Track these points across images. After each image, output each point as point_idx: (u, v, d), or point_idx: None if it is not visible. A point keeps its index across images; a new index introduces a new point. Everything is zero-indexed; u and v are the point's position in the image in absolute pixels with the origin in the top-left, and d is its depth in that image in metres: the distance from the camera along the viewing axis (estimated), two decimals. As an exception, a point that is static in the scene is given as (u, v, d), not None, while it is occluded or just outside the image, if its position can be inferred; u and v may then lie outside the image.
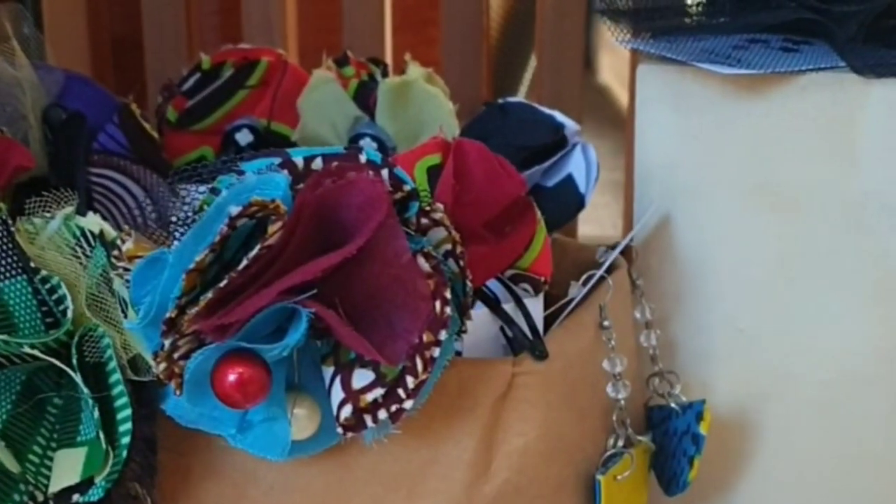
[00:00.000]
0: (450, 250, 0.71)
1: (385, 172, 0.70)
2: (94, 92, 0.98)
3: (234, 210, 0.65)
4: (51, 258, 0.75)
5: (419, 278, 0.68)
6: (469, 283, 0.72)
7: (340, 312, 0.67)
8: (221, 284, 0.64)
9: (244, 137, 1.02)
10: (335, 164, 0.69)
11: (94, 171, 0.96)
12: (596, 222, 1.60)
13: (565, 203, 0.97)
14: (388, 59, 1.30)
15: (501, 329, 0.80)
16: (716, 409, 0.91)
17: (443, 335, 0.69)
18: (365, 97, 1.00)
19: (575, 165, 0.98)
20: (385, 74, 1.02)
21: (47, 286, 0.73)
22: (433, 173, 0.79)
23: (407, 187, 0.70)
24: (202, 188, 0.70)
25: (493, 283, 0.81)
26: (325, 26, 1.36)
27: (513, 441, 0.77)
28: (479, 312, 0.79)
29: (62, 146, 0.95)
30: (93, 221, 0.75)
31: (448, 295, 0.69)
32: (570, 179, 0.98)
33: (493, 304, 0.80)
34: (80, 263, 0.74)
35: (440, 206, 0.71)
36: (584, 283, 0.87)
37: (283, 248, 0.65)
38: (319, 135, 1.01)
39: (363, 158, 0.69)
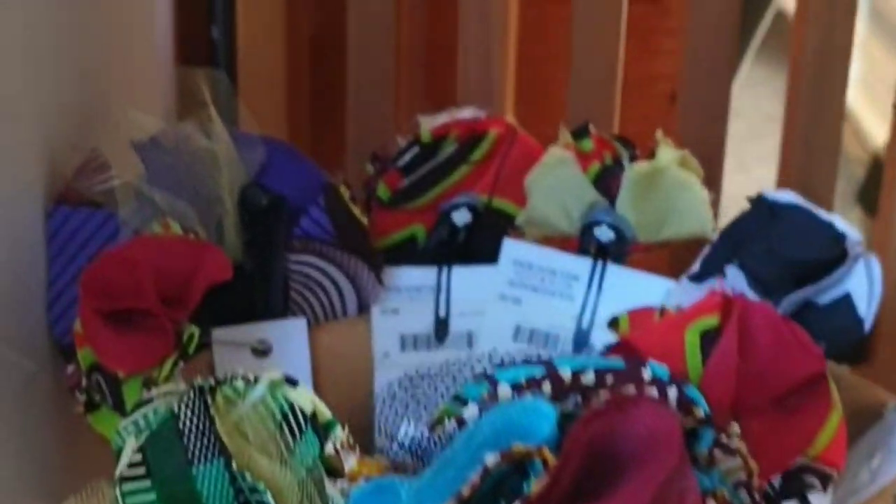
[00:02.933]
0: (743, 481, 0.57)
1: (673, 392, 0.56)
2: (299, 168, 0.85)
3: (492, 460, 0.51)
4: (253, 434, 0.63)
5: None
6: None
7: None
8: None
9: (462, 217, 0.88)
10: (611, 382, 0.55)
11: (294, 257, 0.84)
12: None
13: (841, 327, 0.82)
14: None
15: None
16: None
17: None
18: (607, 182, 0.86)
19: (855, 283, 0.83)
20: (633, 158, 0.88)
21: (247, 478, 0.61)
22: (708, 339, 0.66)
23: (700, 412, 0.56)
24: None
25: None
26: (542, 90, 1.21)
27: None
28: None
29: (260, 233, 0.83)
30: (305, 396, 0.62)
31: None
32: (847, 299, 0.82)
33: (774, 507, 0.66)
34: (287, 446, 0.62)
35: (736, 429, 0.57)
36: (871, 458, 0.73)
37: (546, 500, 0.52)
38: (549, 217, 0.87)
39: (647, 375, 0.56)
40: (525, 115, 1.07)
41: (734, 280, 0.82)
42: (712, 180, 0.95)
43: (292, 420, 0.62)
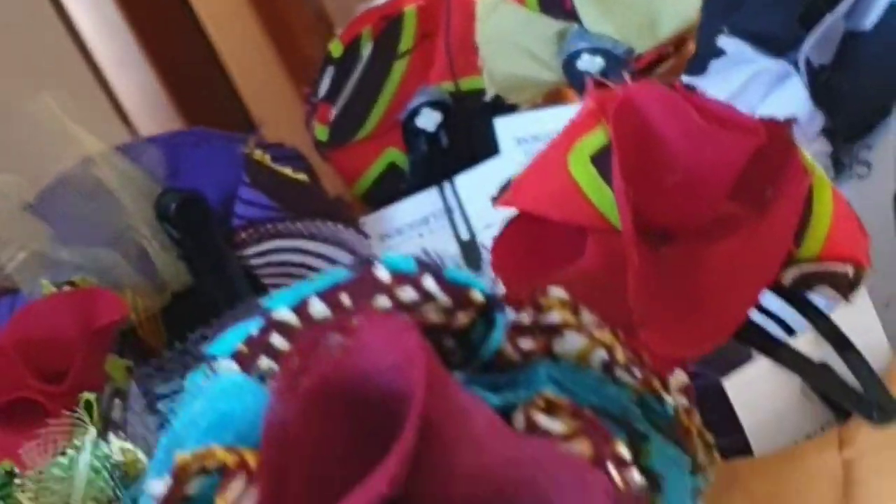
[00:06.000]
0: (606, 361, 0.39)
1: (429, 283, 0.38)
2: (209, 152, 0.71)
3: (159, 489, 0.36)
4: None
5: (547, 451, 0.36)
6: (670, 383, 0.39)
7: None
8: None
9: (429, 120, 0.71)
10: (348, 301, 0.38)
11: (252, 251, 0.70)
12: None
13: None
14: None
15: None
16: None
17: (643, 517, 0.37)
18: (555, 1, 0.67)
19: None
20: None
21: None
22: (602, 162, 0.47)
23: (477, 295, 0.38)
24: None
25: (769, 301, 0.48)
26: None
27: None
28: (757, 365, 0.46)
29: (192, 241, 0.69)
30: (118, 446, 0.48)
31: (623, 452, 0.37)
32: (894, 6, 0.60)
33: (772, 345, 0.46)
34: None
35: (558, 294, 0.38)
36: None
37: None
38: (518, 73, 0.68)
39: (383, 275, 0.38)
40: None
41: (738, 54, 0.62)
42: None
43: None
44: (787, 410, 0.46)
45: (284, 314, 0.39)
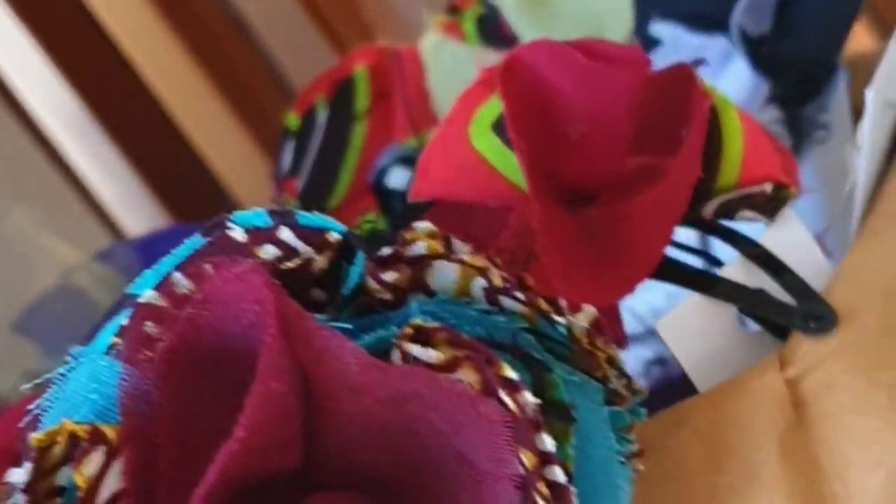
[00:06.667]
0: (487, 289, 0.37)
1: (286, 234, 0.36)
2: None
3: (19, 475, 0.34)
4: None
5: (435, 385, 0.34)
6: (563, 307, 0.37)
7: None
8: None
9: (399, 178, 0.70)
10: (209, 269, 0.36)
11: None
12: None
13: (833, 2, 0.59)
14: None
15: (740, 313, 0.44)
16: None
17: (547, 443, 0.34)
18: (493, 28, 0.67)
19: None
20: (499, -13, 0.68)
21: None
22: (504, 128, 0.46)
23: (334, 235, 0.36)
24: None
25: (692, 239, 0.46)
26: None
27: (857, 484, 0.41)
28: (688, 303, 0.44)
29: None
30: None
31: (511, 374, 0.35)
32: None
33: (700, 278, 0.43)
34: None
35: (423, 227, 0.37)
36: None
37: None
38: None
39: (238, 234, 0.37)
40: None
41: (675, 40, 0.60)
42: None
43: None
44: (725, 343, 0.43)
45: (150, 296, 0.37)
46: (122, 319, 0.38)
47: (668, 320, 0.43)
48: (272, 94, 0.91)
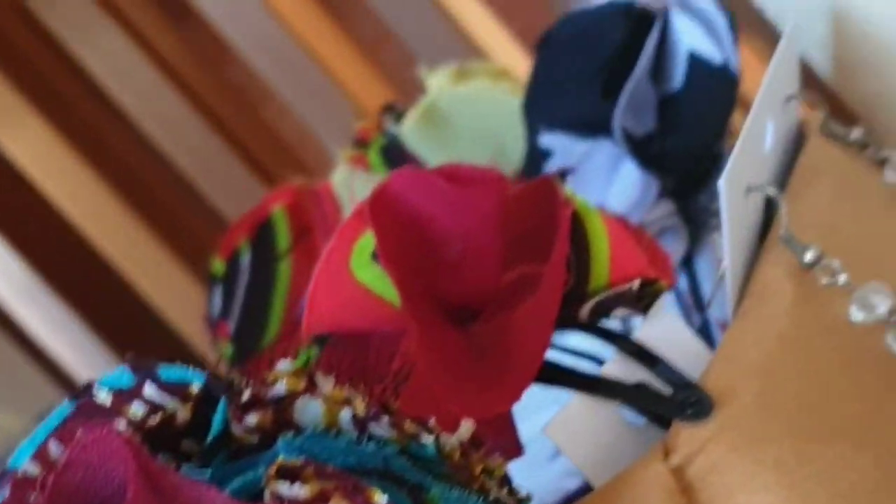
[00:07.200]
0: (356, 416, 0.38)
1: (150, 390, 0.38)
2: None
3: None
4: None
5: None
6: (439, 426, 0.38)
7: None
8: None
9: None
10: (80, 435, 0.38)
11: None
12: None
13: (711, 95, 0.60)
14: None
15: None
16: None
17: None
18: (398, 157, 0.69)
19: (688, 35, 0.61)
20: (400, 117, 0.70)
21: None
22: (382, 258, 0.47)
23: (194, 388, 0.38)
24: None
25: (577, 340, 0.47)
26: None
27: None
28: (572, 403, 0.45)
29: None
30: None
31: (380, 499, 0.36)
32: (695, 59, 0.61)
33: (581, 379, 0.45)
34: None
35: (285, 367, 0.38)
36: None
37: None
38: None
39: (103, 397, 0.38)
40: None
41: (565, 149, 0.62)
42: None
43: None
44: (614, 439, 0.44)
45: (27, 467, 0.39)
46: (3, 494, 0.39)
47: (555, 422, 0.44)
48: (209, 232, 0.94)
